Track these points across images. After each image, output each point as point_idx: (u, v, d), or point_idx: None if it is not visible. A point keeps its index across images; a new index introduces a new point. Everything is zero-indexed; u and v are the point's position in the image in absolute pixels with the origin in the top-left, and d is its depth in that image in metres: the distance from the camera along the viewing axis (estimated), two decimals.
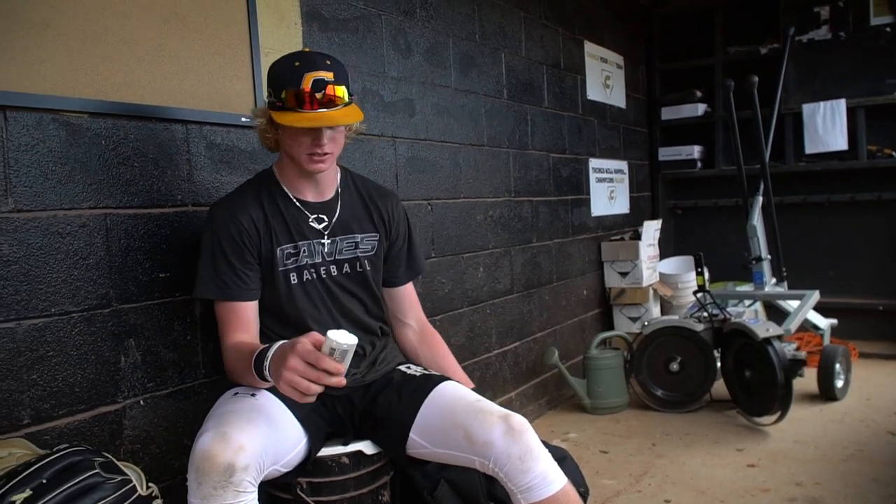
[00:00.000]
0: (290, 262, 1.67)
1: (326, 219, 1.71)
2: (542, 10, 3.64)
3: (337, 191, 1.76)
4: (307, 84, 1.53)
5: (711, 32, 4.85)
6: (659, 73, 5.06)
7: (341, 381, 1.31)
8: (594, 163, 4.17)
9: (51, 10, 1.56)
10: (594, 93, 4.18)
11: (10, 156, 1.49)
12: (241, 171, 1.98)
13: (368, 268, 1.77)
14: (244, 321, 1.63)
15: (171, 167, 1.82)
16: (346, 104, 1.59)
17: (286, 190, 1.69)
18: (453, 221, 2.93)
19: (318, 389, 1.31)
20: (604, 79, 4.33)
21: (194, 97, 1.87)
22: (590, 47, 4.14)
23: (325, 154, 1.61)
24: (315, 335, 1.33)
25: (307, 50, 1.66)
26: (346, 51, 2.39)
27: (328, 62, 1.58)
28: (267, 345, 1.43)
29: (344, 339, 1.29)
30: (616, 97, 4.51)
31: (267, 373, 1.39)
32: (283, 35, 2.14)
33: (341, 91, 1.57)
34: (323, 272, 1.70)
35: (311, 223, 1.69)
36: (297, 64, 1.55)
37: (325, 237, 1.70)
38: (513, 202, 3.34)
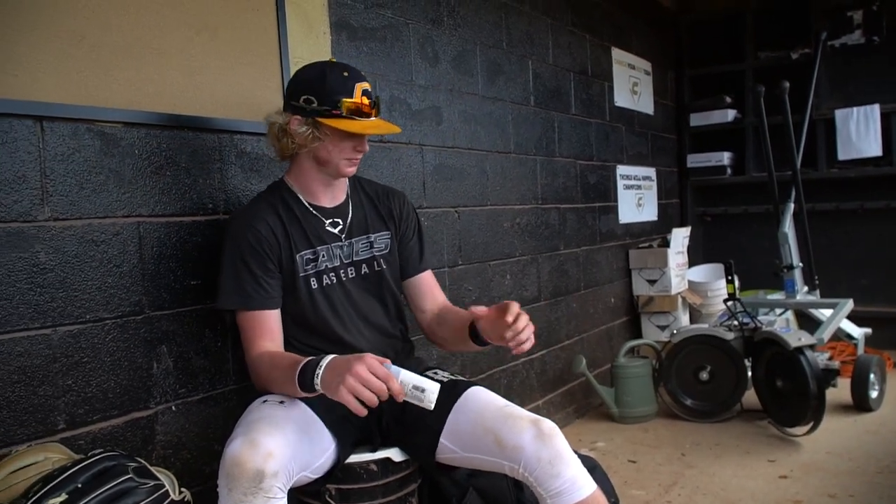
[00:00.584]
0: (309, 267, 1.68)
1: (341, 222, 1.75)
2: (570, 17, 3.64)
3: (347, 194, 1.79)
4: (359, 94, 1.61)
5: (741, 37, 4.79)
6: (688, 78, 5.01)
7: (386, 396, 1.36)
8: (622, 169, 4.14)
9: (86, 23, 1.60)
10: (622, 99, 4.16)
11: (46, 165, 1.53)
12: (271, 179, 1.98)
13: (385, 266, 1.79)
14: (268, 330, 1.63)
15: (202, 176, 1.85)
16: None
17: (301, 197, 1.72)
18: (480, 229, 2.92)
19: (376, 401, 1.33)
20: (631, 85, 4.30)
21: (225, 106, 1.89)
22: (617, 54, 4.12)
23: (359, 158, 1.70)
24: (377, 357, 1.37)
25: (334, 60, 1.71)
26: (374, 59, 2.41)
27: (362, 73, 1.68)
28: (316, 356, 1.44)
29: (432, 390, 1.36)
30: (644, 103, 4.47)
31: (318, 381, 1.39)
32: (312, 44, 2.16)
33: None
34: (342, 275, 1.72)
35: (328, 228, 1.72)
36: (345, 74, 1.62)
37: (342, 240, 1.73)
38: (540, 209, 3.33)
